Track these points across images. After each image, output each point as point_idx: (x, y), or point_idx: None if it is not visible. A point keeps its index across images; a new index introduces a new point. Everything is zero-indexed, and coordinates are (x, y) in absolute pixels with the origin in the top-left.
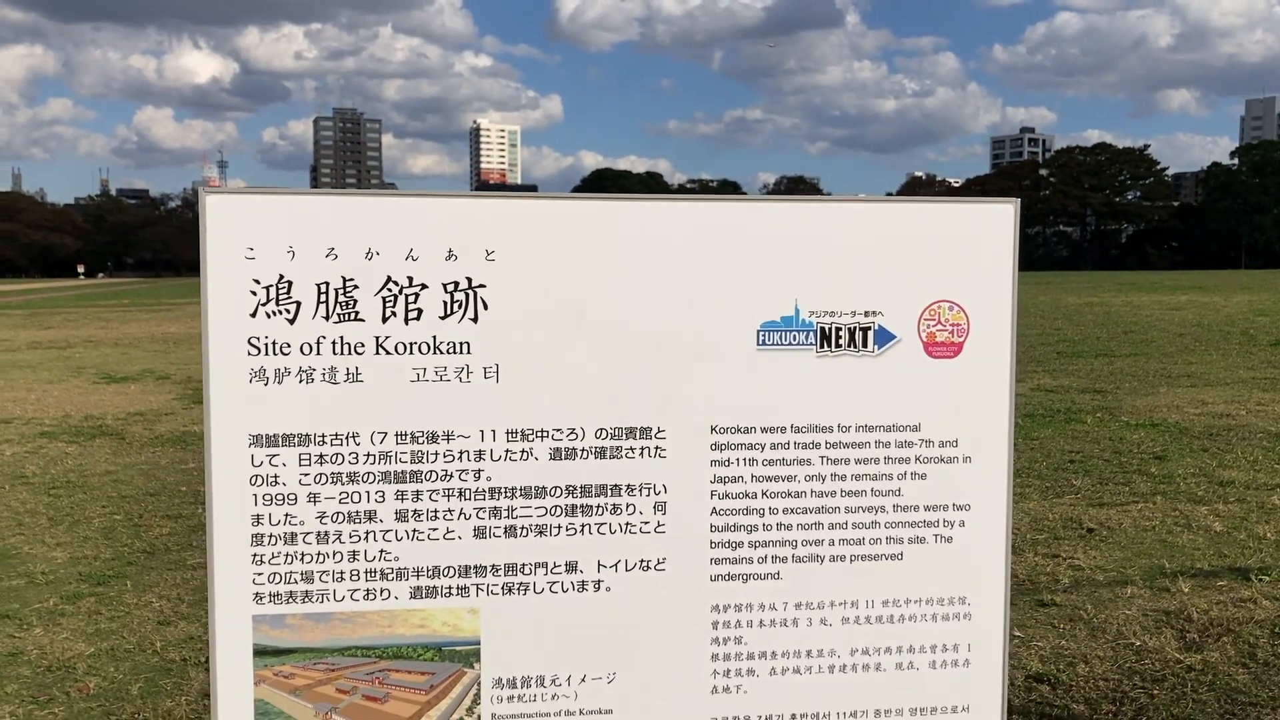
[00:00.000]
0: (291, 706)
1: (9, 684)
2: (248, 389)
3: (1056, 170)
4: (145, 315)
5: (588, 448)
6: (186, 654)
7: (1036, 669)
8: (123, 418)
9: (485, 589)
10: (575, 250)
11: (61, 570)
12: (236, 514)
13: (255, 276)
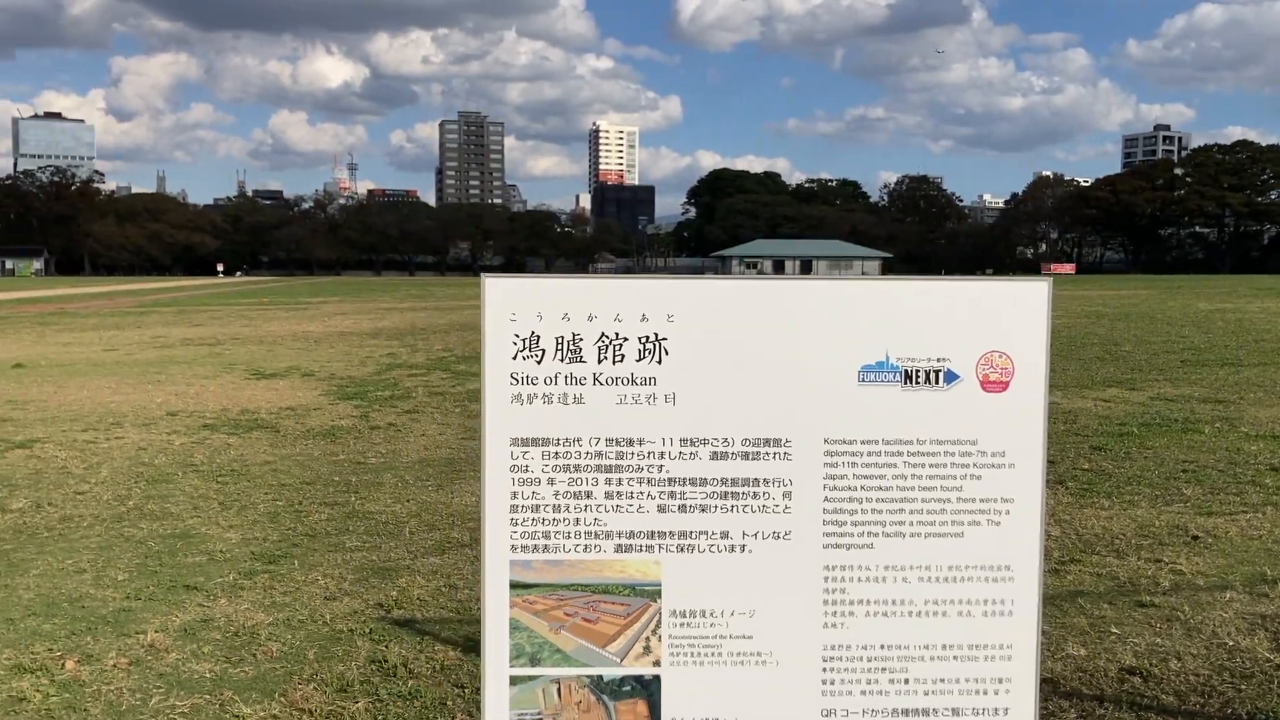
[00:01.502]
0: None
1: (205, 645)
2: (509, 406)
3: (1193, 169)
4: (284, 314)
5: (736, 451)
6: (353, 625)
7: (1130, 663)
8: (275, 412)
9: (665, 548)
10: (728, 314)
11: (236, 550)
12: (500, 491)
13: (516, 332)
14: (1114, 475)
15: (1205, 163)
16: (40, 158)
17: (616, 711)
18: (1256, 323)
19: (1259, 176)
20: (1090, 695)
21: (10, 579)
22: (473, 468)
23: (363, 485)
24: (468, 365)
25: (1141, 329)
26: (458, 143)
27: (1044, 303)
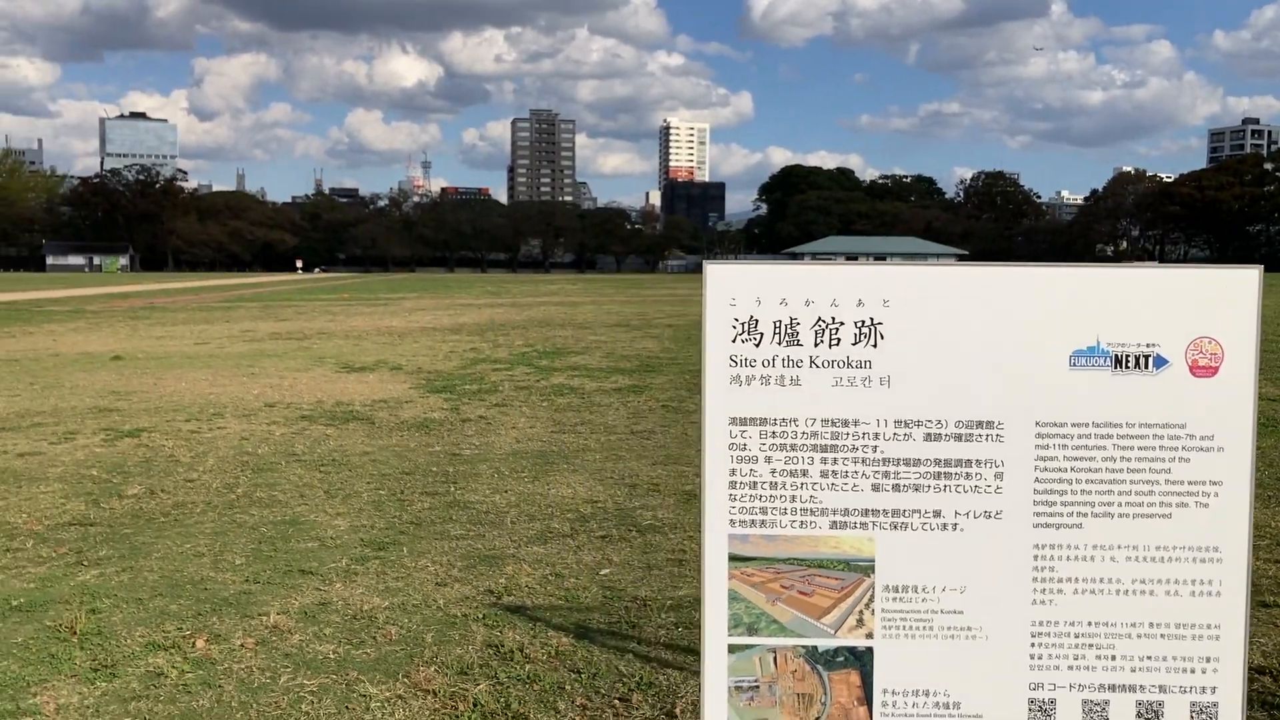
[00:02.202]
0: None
1: (326, 627)
2: (729, 388)
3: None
4: (366, 309)
5: (949, 433)
6: (466, 611)
7: (1258, 662)
8: (369, 404)
9: (878, 525)
10: (942, 300)
11: (345, 536)
12: (720, 468)
13: (736, 317)
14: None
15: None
16: (125, 157)
17: (830, 681)
18: None
19: None
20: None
21: (135, 561)
22: (565, 461)
23: (460, 476)
24: (550, 360)
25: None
26: (529, 140)
27: (1254, 290)
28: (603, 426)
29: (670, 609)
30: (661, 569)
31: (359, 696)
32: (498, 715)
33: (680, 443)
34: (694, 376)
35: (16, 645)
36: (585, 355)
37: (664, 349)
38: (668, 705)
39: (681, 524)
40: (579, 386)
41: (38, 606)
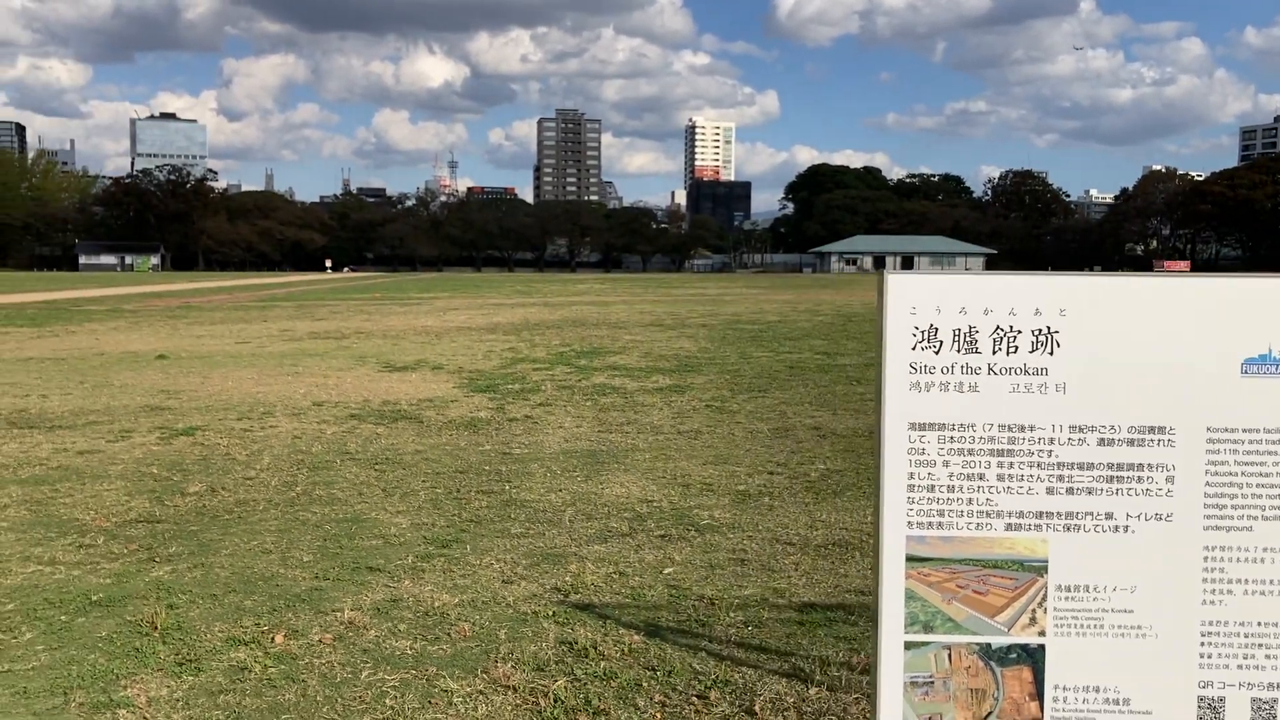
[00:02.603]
0: (928, 594)
1: (400, 624)
2: (908, 394)
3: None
4: (400, 309)
5: (1122, 438)
6: (535, 608)
7: None
8: (415, 403)
9: (1052, 527)
10: (1118, 309)
11: (408, 534)
12: (899, 472)
13: (916, 325)
14: None
15: None
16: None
17: (1003, 677)
18: None
19: None
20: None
21: (205, 558)
22: (616, 460)
23: (513, 474)
24: (588, 360)
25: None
26: (555, 140)
27: None
28: (649, 426)
29: (738, 608)
30: (724, 568)
31: (440, 692)
32: (579, 711)
33: (728, 443)
34: (734, 377)
35: (101, 639)
36: (623, 355)
37: (701, 349)
38: (746, 702)
39: (739, 524)
40: (620, 386)
41: (116, 601)
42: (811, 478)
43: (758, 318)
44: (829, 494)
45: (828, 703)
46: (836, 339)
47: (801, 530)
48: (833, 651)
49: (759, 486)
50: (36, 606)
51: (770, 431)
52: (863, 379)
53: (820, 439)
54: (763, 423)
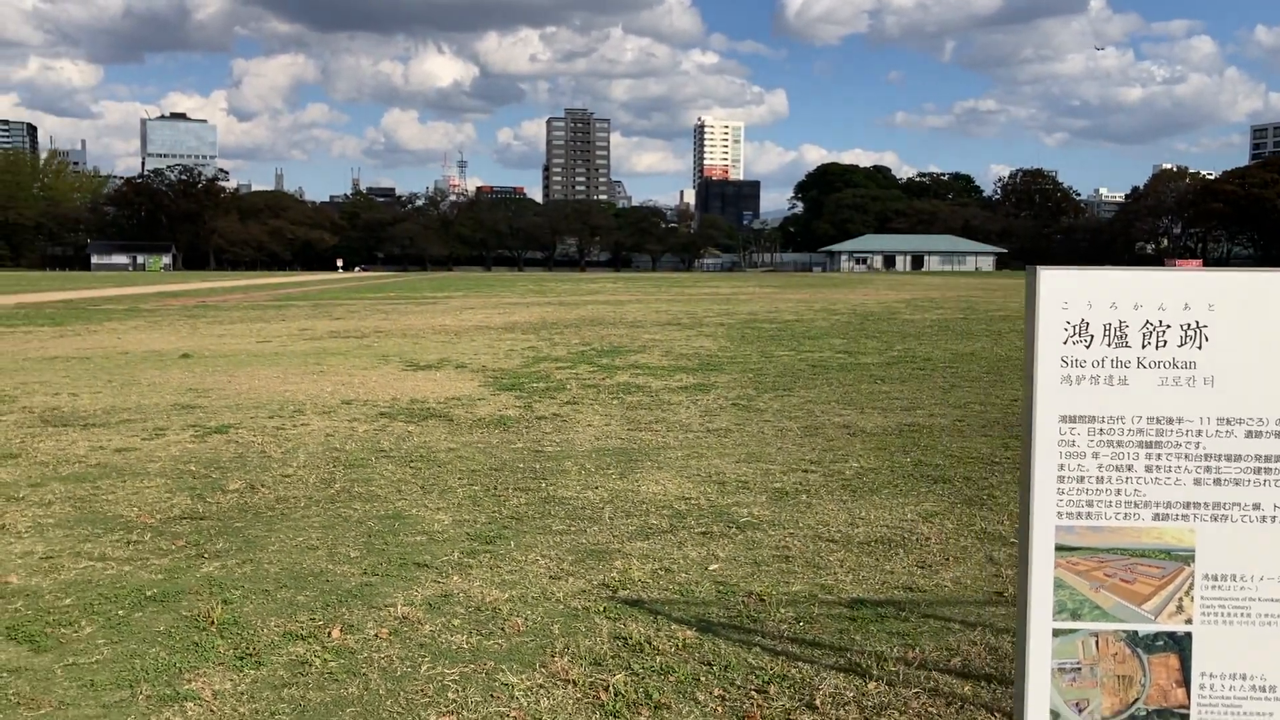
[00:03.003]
0: (1076, 582)
1: (454, 619)
2: (1059, 387)
3: None
4: (416, 308)
5: (1270, 430)
6: (586, 604)
7: None
8: (443, 402)
9: (1199, 517)
10: (1266, 304)
11: (451, 530)
12: (1049, 464)
13: (1068, 320)
14: None
15: None
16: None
17: (1149, 664)
18: None
19: None
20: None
21: (252, 554)
22: (648, 458)
23: (548, 472)
24: (610, 359)
25: None
26: (564, 140)
27: None
28: (678, 425)
29: (787, 604)
30: (769, 565)
31: (501, 685)
32: (640, 705)
33: (758, 440)
34: (756, 376)
35: (160, 633)
36: (644, 354)
37: (721, 348)
38: (806, 696)
39: (778, 521)
40: (645, 385)
41: (170, 597)
42: (846, 475)
43: (774, 317)
44: (865, 492)
45: (888, 697)
46: (855, 338)
47: (842, 528)
48: (887, 647)
49: (795, 484)
50: (93, 601)
51: (800, 430)
52: (886, 378)
53: (850, 437)
54: (791, 421)
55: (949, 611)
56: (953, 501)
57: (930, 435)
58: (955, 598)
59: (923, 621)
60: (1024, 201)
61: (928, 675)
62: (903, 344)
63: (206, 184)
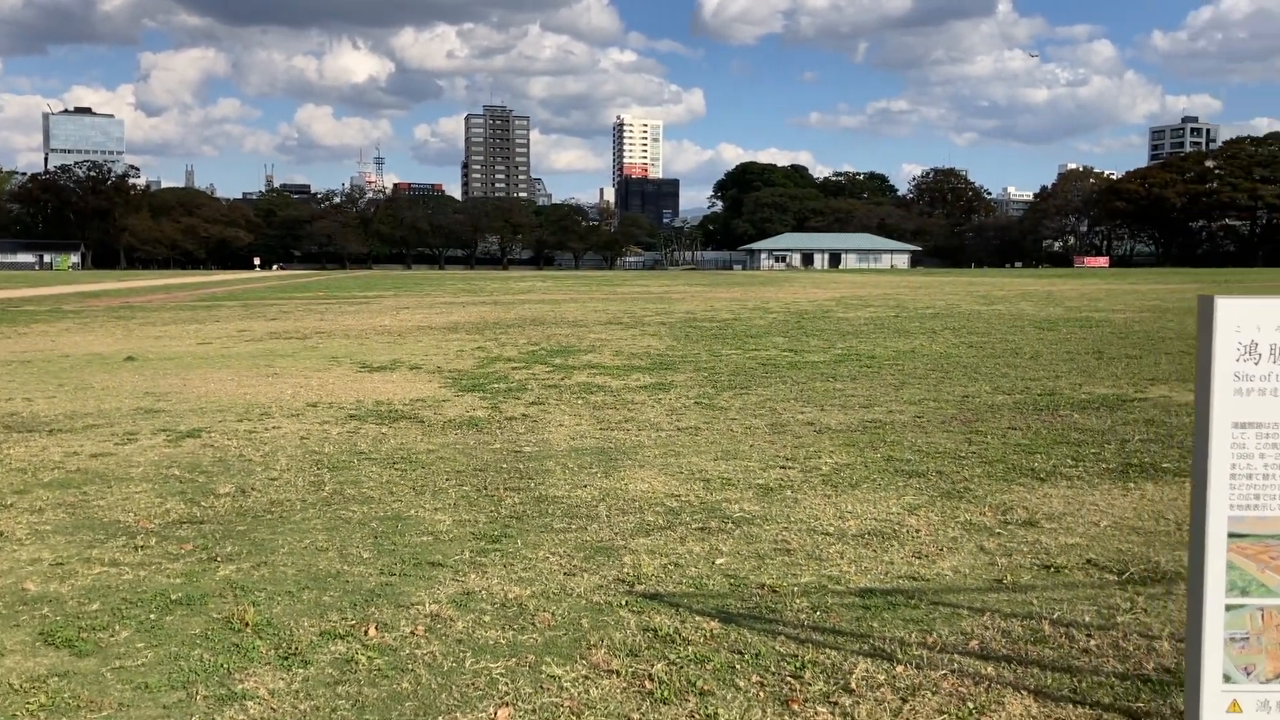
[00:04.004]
0: (1244, 564)
1: (484, 615)
2: (1232, 399)
3: (1225, 161)
4: (350, 308)
5: None
6: (608, 598)
7: None
8: (408, 404)
9: None
10: None
11: (455, 530)
12: (1223, 463)
13: (1239, 341)
14: None
15: (1238, 155)
16: (70, 153)
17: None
18: None
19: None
20: None
21: (264, 557)
22: (627, 457)
23: (533, 472)
24: (563, 359)
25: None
26: (483, 137)
27: None
28: (647, 424)
29: (800, 595)
30: (773, 558)
31: (548, 677)
32: (686, 692)
33: (729, 438)
34: (710, 375)
35: (197, 636)
36: (595, 354)
37: (669, 347)
38: (841, 680)
39: (770, 516)
40: (605, 385)
41: (195, 600)
42: (824, 471)
43: (711, 315)
44: (846, 487)
45: (918, 679)
46: (796, 336)
47: (833, 521)
48: (905, 633)
49: (776, 480)
50: (119, 606)
51: (767, 428)
52: (837, 375)
53: (818, 434)
54: (757, 419)
55: (955, 599)
56: (932, 495)
57: (894, 431)
58: (957, 585)
59: (933, 609)
60: (937, 200)
61: (950, 658)
62: (844, 342)
63: (116, 181)
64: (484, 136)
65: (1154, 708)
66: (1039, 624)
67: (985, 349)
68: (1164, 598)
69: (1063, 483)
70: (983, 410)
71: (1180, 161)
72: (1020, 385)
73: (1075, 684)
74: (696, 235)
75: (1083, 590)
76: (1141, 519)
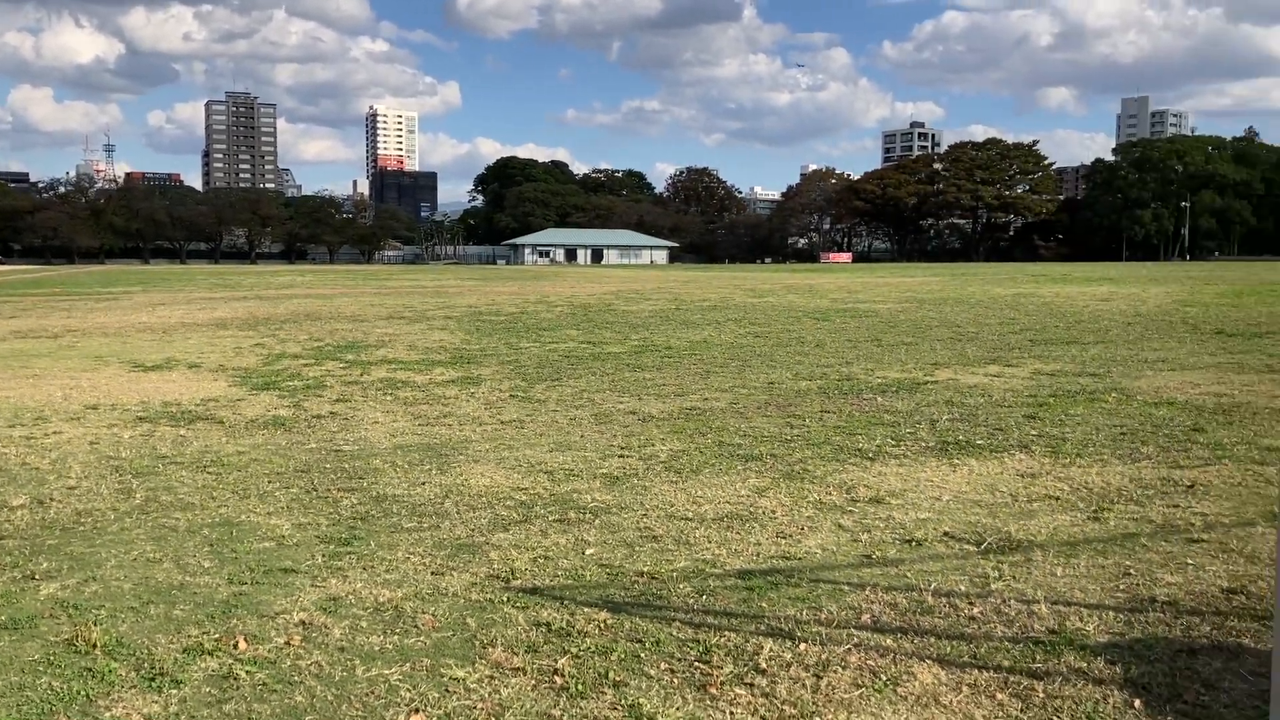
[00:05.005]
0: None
1: (360, 620)
2: None
3: (950, 164)
4: (99, 305)
5: None
6: (488, 595)
7: (1226, 585)
8: (200, 404)
9: None
10: None
11: (297, 534)
12: None
13: None
14: (1068, 439)
15: (961, 158)
16: None
17: None
18: (1060, 306)
19: (1007, 172)
20: (1192, 609)
21: (90, 571)
22: (457, 452)
23: (362, 471)
24: (354, 355)
25: (967, 313)
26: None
27: None
28: (468, 418)
29: (681, 580)
30: (642, 546)
31: (451, 679)
32: (600, 684)
33: (557, 430)
34: (517, 368)
35: (39, 663)
36: (388, 349)
37: (463, 341)
38: (751, 660)
39: (626, 504)
40: (410, 380)
41: (23, 623)
42: (662, 458)
43: (495, 310)
44: (689, 472)
45: (824, 655)
46: (588, 329)
47: (689, 506)
48: (796, 611)
49: (619, 469)
50: None
51: (592, 418)
52: (642, 366)
53: (643, 423)
54: (578, 410)
55: (832, 575)
56: (774, 477)
57: (715, 418)
58: (829, 563)
59: (814, 586)
60: (691, 198)
61: (849, 633)
62: (636, 334)
63: None
64: (227, 124)
65: (1051, 667)
66: (921, 595)
67: (772, 338)
68: (1026, 565)
69: (892, 461)
70: (792, 396)
71: (912, 164)
72: (818, 372)
73: (973, 650)
74: (458, 230)
75: (949, 561)
76: (978, 492)
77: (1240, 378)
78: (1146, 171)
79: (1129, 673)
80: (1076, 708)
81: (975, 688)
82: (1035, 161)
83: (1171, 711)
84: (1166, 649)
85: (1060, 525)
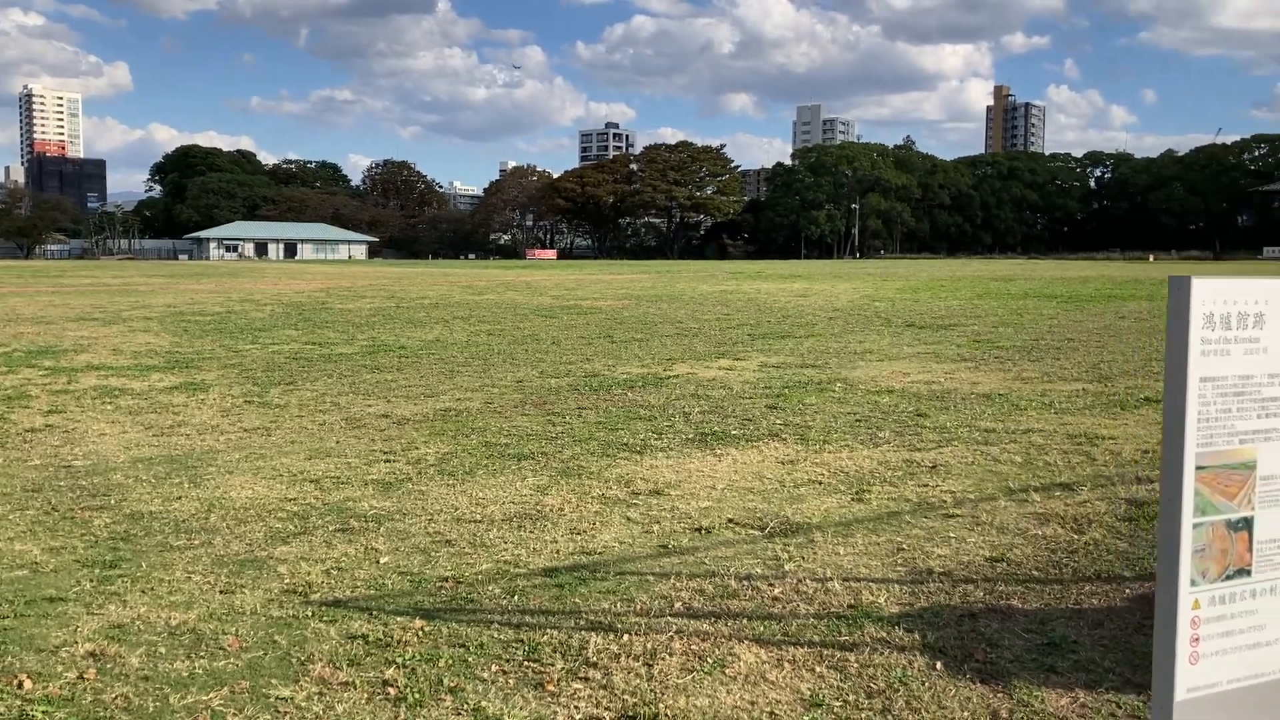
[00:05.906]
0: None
1: (157, 647)
2: (1200, 359)
3: (645, 165)
4: None
5: None
6: (290, 611)
7: (989, 554)
8: None
9: (1259, 439)
10: None
11: (52, 560)
12: (1192, 411)
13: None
14: (812, 427)
15: (655, 159)
16: None
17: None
18: (765, 301)
19: (698, 174)
20: (964, 578)
21: None
22: (205, 464)
23: (104, 488)
24: (53, 360)
25: (684, 309)
26: None
27: None
28: (205, 427)
29: (486, 582)
30: (436, 551)
31: (279, 699)
32: (437, 691)
33: (310, 437)
34: (243, 371)
35: None
36: (90, 353)
37: (174, 343)
38: (579, 655)
39: (408, 510)
40: (126, 387)
41: None
42: (431, 461)
43: (199, 309)
44: (463, 474)
45: (649, 644)
46: (307, 329)
47: (474, 508)
48: (610, 604)
49: (389, 474)
50: None
51: (343, 422)
52: (379, 366)
53: (399, 426)
54: (325, 415)
55: (635, 567)
56: (550, 475)
57: (473, 418)
58: (629, 555)
59: (621, 579)
60: (390, 191)
61: (667, 621)
62: (362, 334)
63: None
64: None
65: (857, 639)
66: (724, 580)
67: (507, 336)
68: (810, 545)
69: (659, 454)
70: (545, 393)
71: (610, 164)
72: (562, 369)
73: (784, 629)
74: (133, 222)
75: (740, 546)
76: (747, 480)
77: (940, 366)
78: (821, 175)
79: (925, 639)
80: (889, 674)
81: (795, 663)
82: (723, 164)
83: (968, 670)
84: (951, 615)
85: (830, 507)
